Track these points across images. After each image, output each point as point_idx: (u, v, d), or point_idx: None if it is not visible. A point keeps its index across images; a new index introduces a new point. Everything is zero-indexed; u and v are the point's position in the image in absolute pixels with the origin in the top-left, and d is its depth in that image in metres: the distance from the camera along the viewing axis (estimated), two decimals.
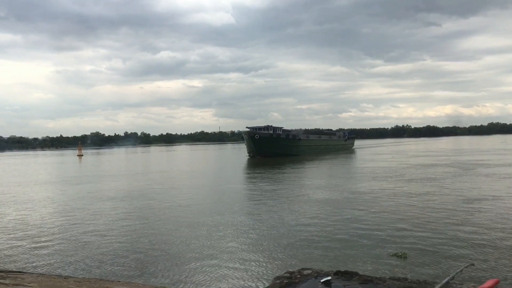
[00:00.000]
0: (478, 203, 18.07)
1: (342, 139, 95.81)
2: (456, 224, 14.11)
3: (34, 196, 26.19)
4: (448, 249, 11.29)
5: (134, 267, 10.77)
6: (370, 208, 17.72)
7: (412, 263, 10.27)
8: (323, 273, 5.58)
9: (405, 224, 14.40)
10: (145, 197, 24.01)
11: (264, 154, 64.94)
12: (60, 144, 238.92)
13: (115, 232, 14.95)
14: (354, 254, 11.18)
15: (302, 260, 10.56)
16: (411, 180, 27.91)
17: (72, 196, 25.60)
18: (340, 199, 20.72)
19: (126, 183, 33.22)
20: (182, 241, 13.33)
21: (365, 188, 24.53)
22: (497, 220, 14.56)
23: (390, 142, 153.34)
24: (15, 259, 11.91)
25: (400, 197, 20.51)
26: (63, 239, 14.23)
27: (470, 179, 27.19)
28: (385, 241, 12.35)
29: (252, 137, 66.80)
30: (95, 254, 12.10)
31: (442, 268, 9.68)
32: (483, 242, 11.84)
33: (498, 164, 37.45)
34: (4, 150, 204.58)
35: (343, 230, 14.00)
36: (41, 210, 20.80)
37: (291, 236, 13.41)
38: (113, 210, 19.73)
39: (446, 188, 23.34)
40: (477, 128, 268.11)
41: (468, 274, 8.46)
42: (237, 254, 11.62)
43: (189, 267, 10.59)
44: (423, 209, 17.08)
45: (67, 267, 10.93)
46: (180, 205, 20.59)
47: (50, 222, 17.31)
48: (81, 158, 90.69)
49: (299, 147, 72.51)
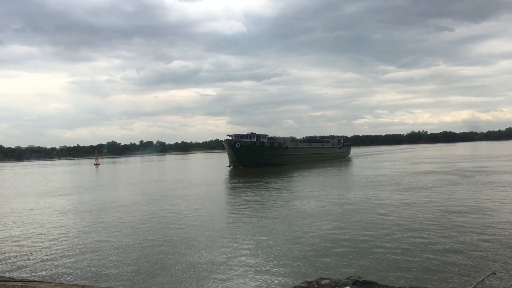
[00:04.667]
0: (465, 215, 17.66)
1: (336, 147, 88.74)
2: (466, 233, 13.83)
3: (53, 204, 26.52)
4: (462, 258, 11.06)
5: (150, 276, 10.78)
6: (347, 220, 17.26)
7: (431, 272, 10.07)
8: (342, 283, 5.51)
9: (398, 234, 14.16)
10: (158, 204, 24.11)
11: (246, 164, 60.07)
12: (77, 153, 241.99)
13: (133, 241, 15.01)
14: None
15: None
16: (401, 189, 26.83)
17: (91, 204, 25.82)
18: (315, 212, 20.24)
19: (142, 190, 33.51)
20: (195, 251, 13.32)
21: (347, 199, 23.65)
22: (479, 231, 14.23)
23: (399, 149, 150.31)
24: (32, 268, 12.03)
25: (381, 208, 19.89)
26: (80, 247, 14.33)
27: (466, 187, 26.07)
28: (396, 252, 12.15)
29: (233, 145, 61.09)
30: (111, 262, 12.15)
31: (463, 277, 9.48)
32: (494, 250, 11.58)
33: (504, 171, 35.77)
34: (22, 160, 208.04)
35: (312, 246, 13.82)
36: (67, 218, 21.03)
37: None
38: (131, 217, 19.84)
39: (433, 198, 22.35)
40: (495, 133, 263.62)
41: (490, 283, 8.28)
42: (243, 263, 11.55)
43: (203, 276, 10.55)
44: (401, 219, 16.80)
45: (84, 276, 10.99)
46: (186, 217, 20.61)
47: (73, 230, 17.50)
48: (98, 167, 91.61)
49: (286, 156, 66.74)
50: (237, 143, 61.06)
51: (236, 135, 65.19)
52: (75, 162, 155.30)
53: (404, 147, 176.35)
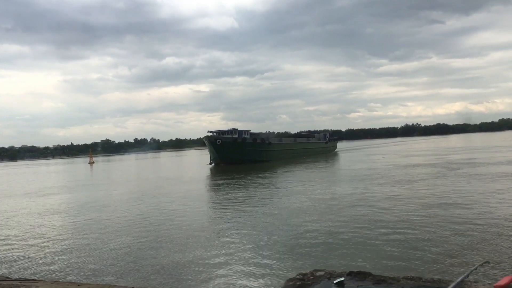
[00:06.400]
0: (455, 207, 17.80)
1: (322, 142, 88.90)
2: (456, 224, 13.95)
3: (48, 203, 26.44)
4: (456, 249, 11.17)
5: (148, 273, 10.79)
6: (326, 215, 17.23)
7: (425, 261, 10.17)
8: (336, 274, 5.55)
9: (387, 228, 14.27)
10: (153, 200, 24.11)
11: (228, 161, 58.34)
12: (71, 152, 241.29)
13: (130, 237, 15.01)
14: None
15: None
16: (384, 183, 26.55)
17: (87, 202, 25.76)
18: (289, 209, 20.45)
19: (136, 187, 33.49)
20: (190, 247, 13.34)
21: (330, 194, 23.41)
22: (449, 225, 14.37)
23: (392, 142, 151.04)
24: (28, 266, 12.01)
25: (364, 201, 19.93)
26: (77, 244, 14.32)
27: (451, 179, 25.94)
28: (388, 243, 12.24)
29: (214, 142, 59.51)
30: (108, 259, 12.15)
31: (456, 267, 9.57)
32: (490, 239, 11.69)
33: (492, 163, 35.50)
34: (16, 160, 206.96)
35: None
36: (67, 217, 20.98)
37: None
38: (126, 214, 19.82)
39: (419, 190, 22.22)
40: (488, 124, 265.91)
41: (483, 271, 8.37)
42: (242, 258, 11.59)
43: (199, 271, 10.58)
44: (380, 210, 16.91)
45: (81, 274, 10.99)
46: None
47: (70, 226, 17.47)
48: (93, 166, 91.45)
49: (269, 152, 64.94)
50: (217, 140, 59.47)
51: (217, 131, 63.54)
52: (69, 161, 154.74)
53: (398, 140, 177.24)
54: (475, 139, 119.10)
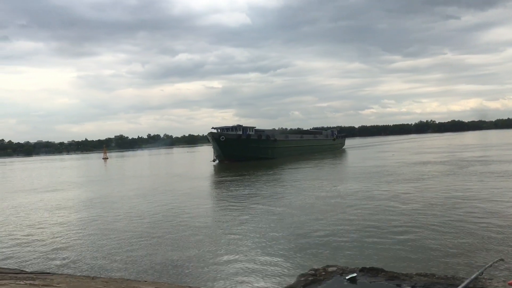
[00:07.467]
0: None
1: (330, 138, 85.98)
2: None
3: (65, 197, 26.82)
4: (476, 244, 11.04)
5: (160, 266, 10.89)
6: (336, 212, 17.16)
7: (438, 259, 10.08)
8: (349, 270, 5.54)
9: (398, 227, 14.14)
10: (165, 195, 24.30)
11: (232, 159, 56.98)
12: (85, 147, 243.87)
13: (142, 231, 15.15)
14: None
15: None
16: (391, 180, 26.26)
17: (101, 196, 26.08)
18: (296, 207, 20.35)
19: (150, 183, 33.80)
20: (200, 243, 13.43)
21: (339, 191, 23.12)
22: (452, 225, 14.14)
23: (405, 139, 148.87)
24: (42, 260, 12.21)
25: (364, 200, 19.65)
26: (90, 239, 14.51)
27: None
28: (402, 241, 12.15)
29: (217, 139, 57.80)
30: (121, 253, 12.29)
31: (469, 264, 9.47)
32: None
33: (507, 160, 34.77)
34: (31, 155, 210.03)
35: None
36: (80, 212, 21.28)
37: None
38: (137, 209, 20.02)
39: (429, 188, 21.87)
40: (504, 121, 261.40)
41: (498, 269, 8.27)
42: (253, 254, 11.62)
43: (213, 267, 10.64)
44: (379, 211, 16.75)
45: (94, 268, 11.14)
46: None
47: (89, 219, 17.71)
48: (106, 161, 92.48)
49: (274, 149, 63.57)
50: (221, 136, 57.82)
51: (221, 127, 62.56)
52: (83, 157, 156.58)
53: (412, 136, 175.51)
54: (491, 136, 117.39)
